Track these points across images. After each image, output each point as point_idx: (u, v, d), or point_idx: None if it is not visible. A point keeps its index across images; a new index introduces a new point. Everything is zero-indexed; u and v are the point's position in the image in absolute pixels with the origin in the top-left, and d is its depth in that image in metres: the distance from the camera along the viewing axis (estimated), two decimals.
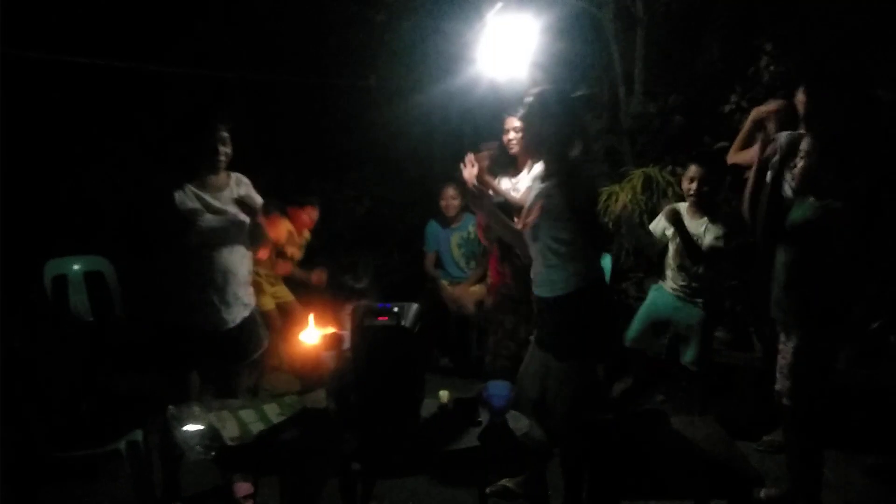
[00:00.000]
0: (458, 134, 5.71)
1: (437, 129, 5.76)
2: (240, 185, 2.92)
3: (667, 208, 3.66)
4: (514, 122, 3.55)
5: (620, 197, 4.57)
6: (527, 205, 2.73)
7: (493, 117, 3.89)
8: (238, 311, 2.89)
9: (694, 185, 3.58)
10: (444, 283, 4.91)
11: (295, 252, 4.67)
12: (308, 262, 5.12)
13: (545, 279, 2.65)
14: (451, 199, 4.87)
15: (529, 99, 2.63)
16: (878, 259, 3.27)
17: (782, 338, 2.80)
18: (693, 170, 3.61)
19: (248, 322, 2.94)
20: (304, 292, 4.83)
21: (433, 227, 4.99)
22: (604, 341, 2.77)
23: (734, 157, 3.35)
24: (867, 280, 3.63)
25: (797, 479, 2.83)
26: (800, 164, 2.67)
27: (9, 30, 4.03)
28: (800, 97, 2.71)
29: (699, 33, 4.99)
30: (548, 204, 2.55)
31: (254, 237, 2.96)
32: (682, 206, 3.70)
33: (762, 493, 2.96)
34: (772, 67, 4.32)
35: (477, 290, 4.66)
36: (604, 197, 4.65)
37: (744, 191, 2.99)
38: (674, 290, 3.75)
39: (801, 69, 3.98)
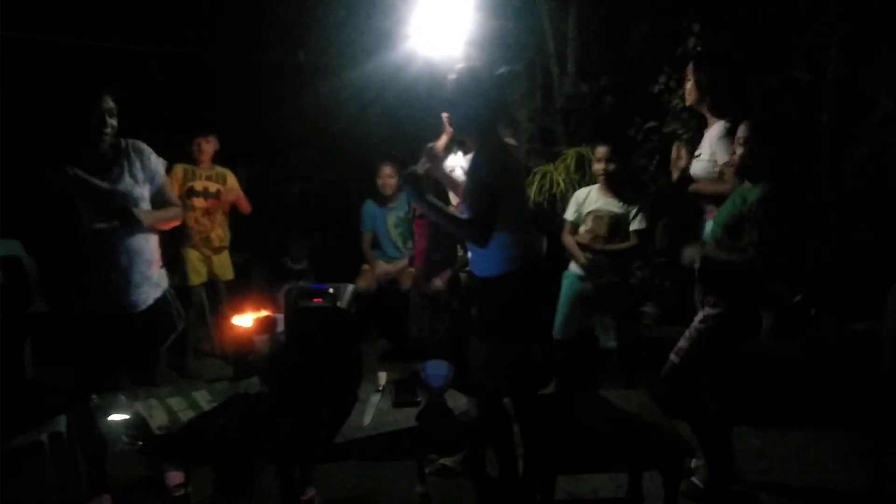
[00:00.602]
0: (393, 112, 5.63)
1: (372, 106, 5.67)
2: (132, 156, 2.70)
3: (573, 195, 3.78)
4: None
5: (554, 176, 4.64)
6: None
7: (428, 94, 3.86)
8: (148, 292, 2.73)
9: (601, 165, 3.66)
10: (381, 262, 4.87)
11: (208, 185, 4.48)
12: (240, 244, 4.99)
13: (477, 259, 2.64)
14: (387, 177, 4.82)
15: (452, 77, 2.60)
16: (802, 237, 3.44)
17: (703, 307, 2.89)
18: (600, 150, 3.68)
19: (160, 304, 2.79)
20: (242, 275, 4.73)
21: (369, 206, 4.93)
22: (529, 325, 2.77)
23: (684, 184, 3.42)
24: (790, 258, 3.80)
25: (700, 443, 2.93)
26: (738, 150, 2.75)
27: None
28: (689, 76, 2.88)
29: (629, 13, 5.06)
30: (473, 183, 2.52)
31: (161, 209, 2.80)
32: (592, 189, 3.77)
33: (692, 463, 3.06)
34: (699, 48, 4.42)
35: (414, 269, 4.64)
36: (538, 176, 4.70)
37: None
38: (574, 269, 3.80)
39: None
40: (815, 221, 4.24)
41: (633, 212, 3.64)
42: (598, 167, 3.69)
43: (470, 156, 3.47)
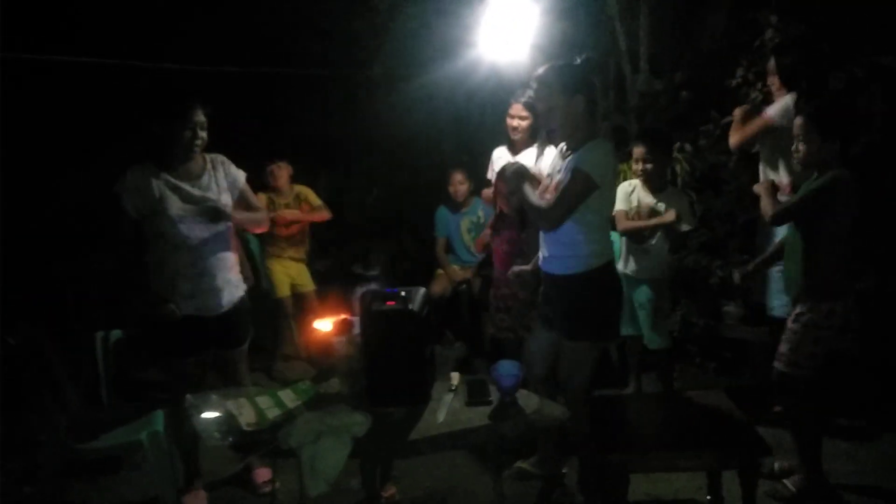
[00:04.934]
0: (462, 118, 5.71)
1: (442, 114, 5.76)
2: (217, 166, 2.92)
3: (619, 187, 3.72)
4: (520, 110, 3.59)
5: (629, 175, 4.58)
6: (546, 181, 2.75)
7: (497, 100, 3.90)
8: (230, 294, 2.93)
9: (638, 166, 3.63)
10: (455, 267, 4.94)
11: (285, 213, 4.62)
12: (322, 252, 5.18)
13: (561, 256, 2.65)
14: (458, 184, 4.88)
15: (540, 74, 2.61)
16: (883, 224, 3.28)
17: (794, 308, 2.81)
18: (637, 150, 3.65)
19: (239, 304, 2.98)
20: (322, 283, 4.90)
21: (443, 212, 5.01)
22: (614, 322, 2.78)
23: (734, 138, 3.52)
24: (873, 248, 3.63)
25: (798, 448, 2.84)
26: (800, 147, 2.68)
27: None
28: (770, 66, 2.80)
29: (703, 8, 4.96)
30: (573, 178, 2.52)
31: (247, 217, 3.00)
32: (636, 183, 3.71)
33: (776, 466, 2.97)
34: (777, 40, 4.28)
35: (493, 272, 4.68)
36: None
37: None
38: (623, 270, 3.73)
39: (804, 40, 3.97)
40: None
41: (680, 210, 3.57)
42: (635, 167, 3.68)
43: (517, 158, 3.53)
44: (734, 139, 3.55)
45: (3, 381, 2.96)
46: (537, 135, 3.67)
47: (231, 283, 2.94)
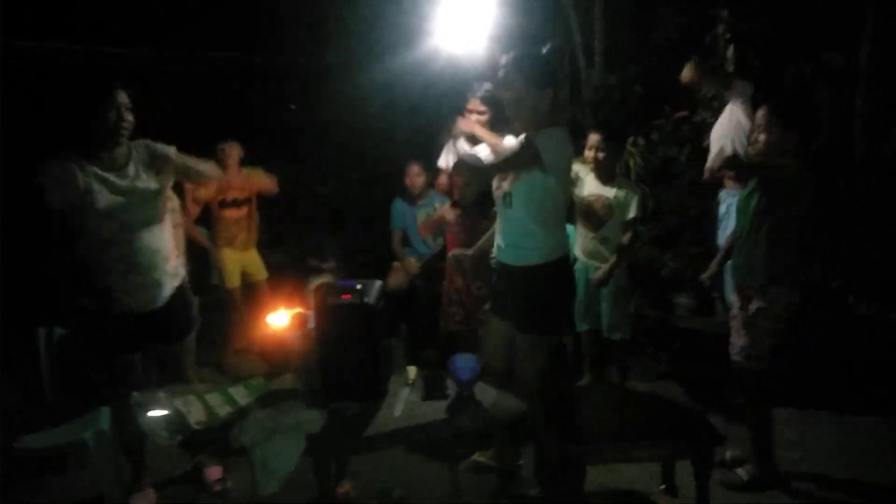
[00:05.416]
0: (418, 109, 5.67)
1: (398, 104, 5.71)
2: (139, 150, 2.70)
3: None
4: (478, 105, 3.56)
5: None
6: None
7: (454, 92, 3.87)
8: (167, 286, 2.75)
9: (591, 153, 3.67)
10: (412, 259, 4.90)
11: (238, 194, 4.51)
12: (275, 244, 5.08)
13: (516, 245, 2.63)
14: (415, 176, 4.84)
15: (510, 63, 2.55)
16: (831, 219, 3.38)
17: (738, 300, 2.87)
18: (592, 138, 3.69)
19: (179, 295, 2.81)
20: (275, 275, 4.81)
21: (399, 204, 4.96)
22: (568, 315, 2.79)
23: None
24: (824, 240, 3.74)
25: (751, 437, 2.91)
26: (760, 137, 2.73)
27: None
28: (728, 54, 2.83)
29: (656, 3, 5.02)
30: (522, 146, 2.50)
31: (189, 174, 2.86)
32: (582, 169, 3.73)
33: (727, 455, 3.03)
34: (728, 35, 4.36)
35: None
36: None
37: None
38: (580, 259, 3.76)
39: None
40: (850, 207, 4.16)
41: (628, 199, 3.60)
42: (588, 154, 3.70)
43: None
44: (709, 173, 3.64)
45: None
46: (496, 127, 3.65)
47: (167, 274, 2.75)
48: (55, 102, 3.19)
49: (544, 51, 2.62)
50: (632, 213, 3.61)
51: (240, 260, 4.62)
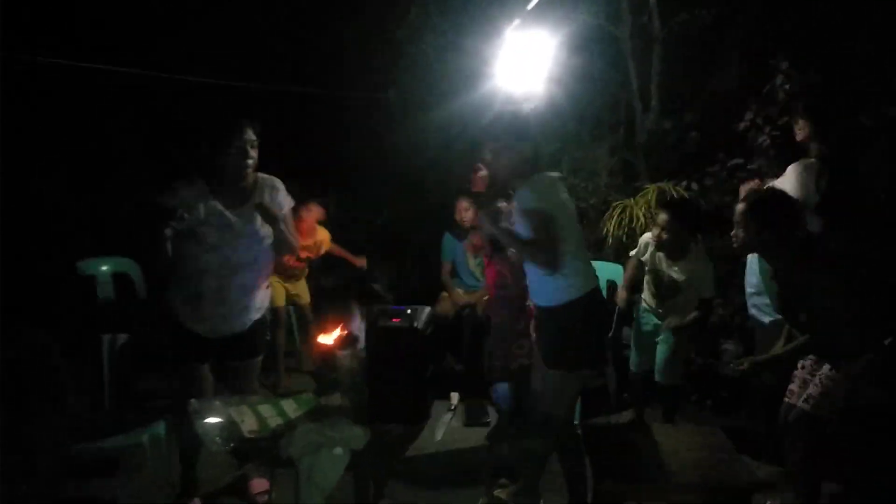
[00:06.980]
0: (475, 148, 5.79)
1: (455, 142, 5.85)
2: (265, 191, 2.78)
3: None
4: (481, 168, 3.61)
5: (634, 210, 4.66)
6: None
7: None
8: (249, 317, 2.83)
9: (657, 231, 3.60)
10: (459, 290, 4.99)
11: (334, 249, 4.75)
12: (329, 270, 5.23)
13: (539, 289, 2.69)
14: (464, 211, 4.94)
15: (499, 123, 2.76)
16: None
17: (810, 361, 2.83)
18: (660, 217, 3.60)
19: (257, 325, 2.90)
20: (321, 297, 4.95)
21: (449, 238, 5.07)
22: (592, 353, 2.79)
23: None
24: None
25: (801, 492, 2.85)
26: (739, 231, 2.72)
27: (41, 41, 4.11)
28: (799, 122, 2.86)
29: (715, 51, 5.06)
30: (529, 220, 2.57)
31: (277, 246, 2.84)
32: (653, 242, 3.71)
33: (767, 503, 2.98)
34: (787, 86, 4.37)
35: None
36: (618, 210, 4.73)
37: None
38: (647, 306, 3.78)
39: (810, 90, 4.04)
40: None
41: (697, 277, 3.56)
42: (655, 232, 3.64)
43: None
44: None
45: (4, 382, 2.97)
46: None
47: (250, 309, 2.81)
48: (186, 133, 3.37)
49: (525, 109, 2.74)
50: (706, 294, 3.57)
51: (285, 285, 4.79)
